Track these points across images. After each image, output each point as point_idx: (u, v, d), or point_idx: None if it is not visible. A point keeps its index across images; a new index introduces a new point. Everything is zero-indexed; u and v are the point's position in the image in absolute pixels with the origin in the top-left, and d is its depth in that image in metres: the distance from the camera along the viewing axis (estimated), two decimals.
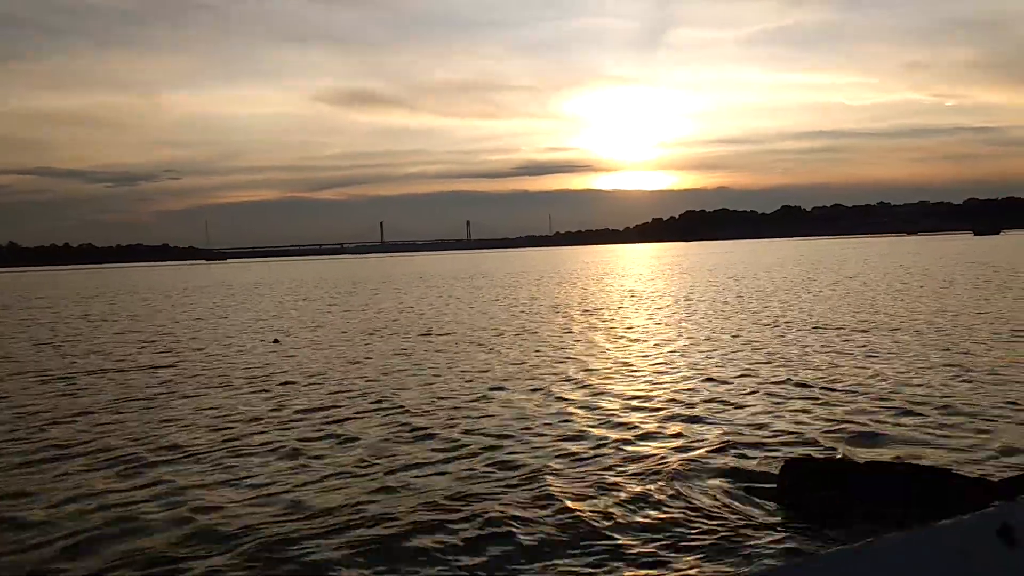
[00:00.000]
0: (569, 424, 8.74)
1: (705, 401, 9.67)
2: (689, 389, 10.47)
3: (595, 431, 8.36)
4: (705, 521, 5.72)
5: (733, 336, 15.91)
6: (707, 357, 13.30)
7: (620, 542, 5.43)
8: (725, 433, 8.02)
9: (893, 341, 14.18)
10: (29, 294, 52.95)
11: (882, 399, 9.33)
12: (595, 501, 6.20)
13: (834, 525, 5.45)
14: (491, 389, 11.04)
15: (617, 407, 9.54)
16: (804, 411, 8.94)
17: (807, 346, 14.04)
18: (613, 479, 6.68)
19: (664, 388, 10.62)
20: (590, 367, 12.71)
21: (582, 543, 5.42)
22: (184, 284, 61.73)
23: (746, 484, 6.47)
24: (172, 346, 18.17)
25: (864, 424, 8.22)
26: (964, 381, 10.24)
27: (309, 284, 52.73)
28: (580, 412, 9.32)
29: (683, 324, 18.75)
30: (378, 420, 9.33)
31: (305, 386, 11.86)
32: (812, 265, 50.70)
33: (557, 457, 7.40)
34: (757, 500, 6.10)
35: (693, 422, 8.62)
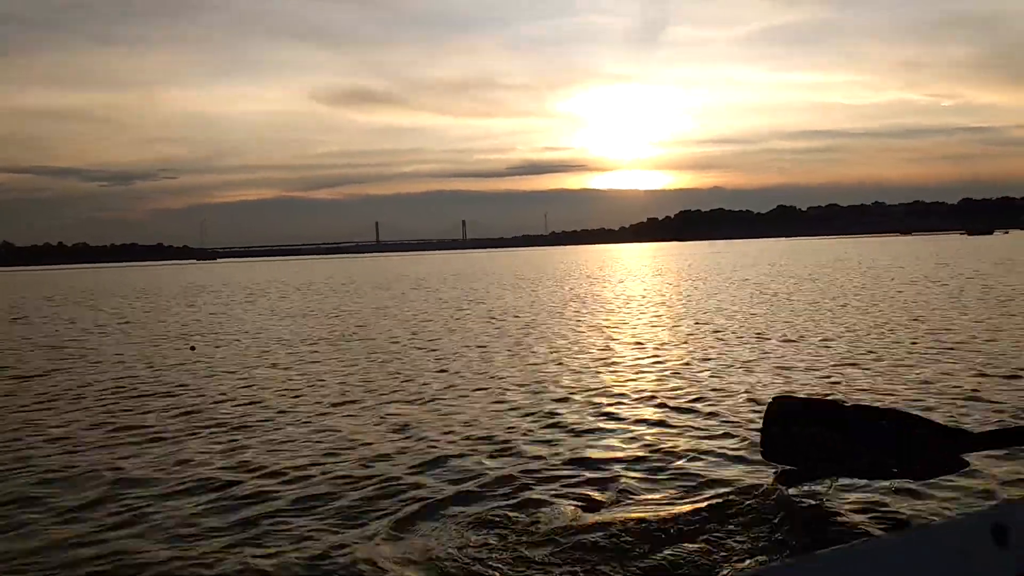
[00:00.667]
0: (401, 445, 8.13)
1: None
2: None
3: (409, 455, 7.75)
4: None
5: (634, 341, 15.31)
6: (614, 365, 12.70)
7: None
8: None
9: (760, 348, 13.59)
10: None
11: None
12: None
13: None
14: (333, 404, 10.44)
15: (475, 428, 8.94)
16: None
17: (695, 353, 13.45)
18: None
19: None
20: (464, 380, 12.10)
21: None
22: (150, 285, 61.13)
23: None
24: (77, 352, 17.58)
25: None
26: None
27: (279, 285, 52.12)
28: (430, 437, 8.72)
29: (606, 330, 18.15)
30: (204, 438, 8.72)
31: (147, 397, 11.25)
32: (785, 267, 50.17)
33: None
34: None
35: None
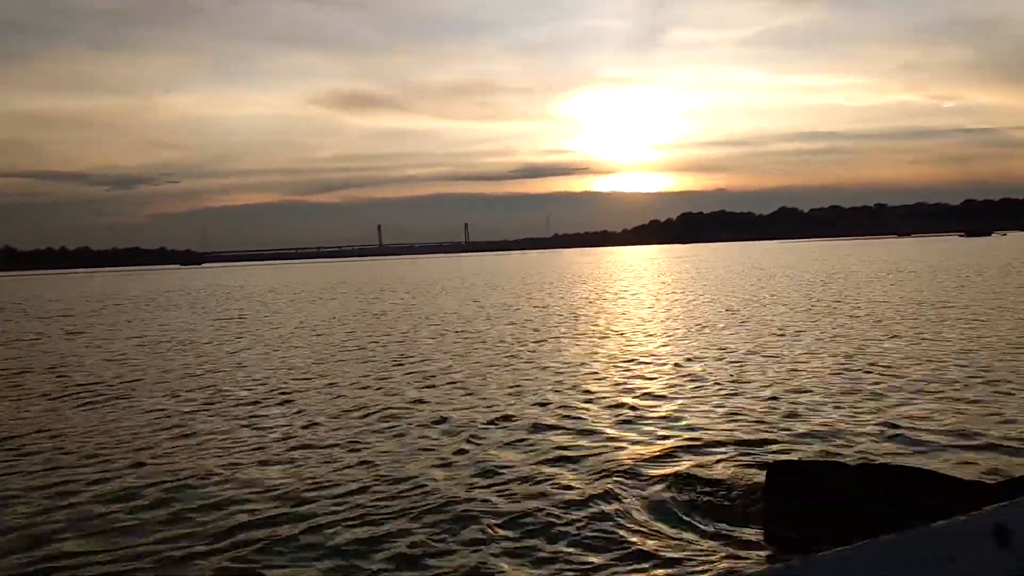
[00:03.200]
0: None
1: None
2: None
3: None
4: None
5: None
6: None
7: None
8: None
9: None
10: None
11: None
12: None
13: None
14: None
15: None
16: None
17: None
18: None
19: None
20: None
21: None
22: (107, 294, 60.59)
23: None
24: None
25: None
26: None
27: (222, 294, 51.38)
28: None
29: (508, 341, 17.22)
30: None
31: None
32: (762, 272, 49.09)
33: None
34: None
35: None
